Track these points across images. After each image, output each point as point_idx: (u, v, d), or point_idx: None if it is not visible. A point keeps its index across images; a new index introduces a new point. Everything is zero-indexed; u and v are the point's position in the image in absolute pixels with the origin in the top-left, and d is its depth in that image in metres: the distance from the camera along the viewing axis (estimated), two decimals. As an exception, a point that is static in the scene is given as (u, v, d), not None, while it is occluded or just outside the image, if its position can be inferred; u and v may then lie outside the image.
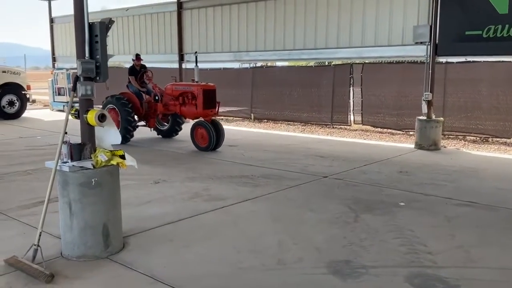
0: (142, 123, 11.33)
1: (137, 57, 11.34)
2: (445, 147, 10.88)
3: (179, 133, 11.85)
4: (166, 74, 18.90)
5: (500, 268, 4.05)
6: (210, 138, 9.77)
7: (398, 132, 12.97)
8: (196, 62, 11.49)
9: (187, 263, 4.10)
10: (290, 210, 5.74)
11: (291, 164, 8.58)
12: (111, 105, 10.69)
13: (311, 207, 5.82)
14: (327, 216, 5.44)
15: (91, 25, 4.07)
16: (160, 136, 11.96)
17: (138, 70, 11.22)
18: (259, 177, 7.47)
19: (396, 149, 10.63)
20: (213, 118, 10.20)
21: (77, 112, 4.22)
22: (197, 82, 10.61)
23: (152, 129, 11.57)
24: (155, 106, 10.95)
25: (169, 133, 11.86)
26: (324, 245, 4.55)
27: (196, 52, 12.48)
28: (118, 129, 10.22)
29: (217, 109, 10.31)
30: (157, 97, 10.90)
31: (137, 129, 11.00)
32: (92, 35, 4.07)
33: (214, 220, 5.32)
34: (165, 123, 11.81)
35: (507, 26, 9.74)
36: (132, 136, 10.76)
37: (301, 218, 5.40)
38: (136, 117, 10.91)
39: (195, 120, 10.38)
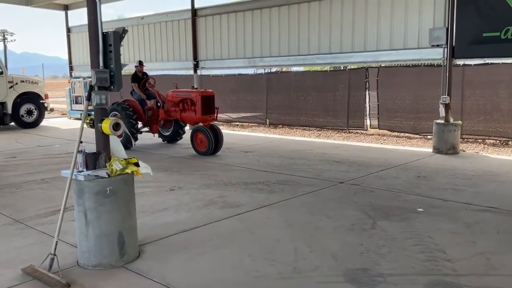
0: (146, 129, 11.67)
1: (140, 63, 11.58)
2: (464, 151, 10.71)
3: (183, 137, 12.09)
4: (181, 81, 19.10)
5: (523, 276, 3.93)
6: (209, 142, 10.03)
7: (416, 136, 12.80)
8: (196, 69, 11.76)
9: (202, 271, 4.08)
10: (306, 217, 5.68)
11: (306, 169, 8.52)
12: (115, 112, 10.89)
13: (327, 214, 5.75)
14: (344, 223, 5.37)
15: (104, 35, 4.10)
16: (164, 141, 12.25)
17: (140, 77, 11.45)
18: (275, 184, 7.43)
19: (413, 153, 10.48)
20: (212, 123, 10.49)
21: (92, 121, 4.25)
22: (196, 88, 10.96)
23: (155, 135, 11.93)
24: (157, 112, 11.28)
25: (173, 139, 12.12)
26: (341, 252, 4.48)
27: (195, 59, 12.90)
28: (121, 137, 10.37)
29: (215, 114, 10.66)
30: (159, 104, 11.20)
31: (141, 134, 11.41)
32: (106, 44, 4.10)
33: (229, 228, 5.29)
34: (168, 129, 12.09)
35: (526, 27, 9.57)
36: (136, 139, 10.99)
37: (317, 225, 5.34)
38: (139, 123, 11.23)
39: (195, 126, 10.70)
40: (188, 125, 12.05)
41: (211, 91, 10.78)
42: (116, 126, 4.08)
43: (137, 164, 4.24)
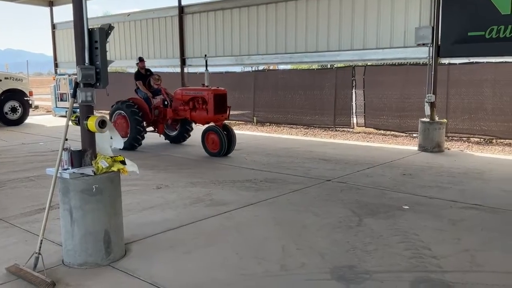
0: (150, 128, 11.19)
1: (140, 59, 11.20)
2: (448, 149, 10.83)
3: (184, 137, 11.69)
4: (169, 79, 18.98)
5: (506, 272, 3.99)
6: (222, 143, 9.61)
7: (401, 134, 12.91)
8: (206, 66, 11.33)
9: (189, 270, 4.07)
10: (293, 215, 5.70)
11: (294, 167, 8.54)
12: (120, 111, 10.59)
13: (315, 211, 5.77)
14: (331, 221, 5.40)
15: (90, 31, 4.05)
16: (168, 141, 11.82)
17: (144, 74, 11.09)
18: (262, 181, 7.43)
19: (399, 151, 10.57)
20: (224, 123, 10.05)
21: (77, 119, 4.20)
22: (207, 86, 10.39)
23: (160, 135, 11.45)
24: (164, 111, 10.80)
25: (178, 139, 11.70)
26: (328, 250, 4.50)
27: (206, 56, 12.21)
28: (126, 137, 10.30)
29: (228, 113, 10.17)
30: (166, 102, 10.74)
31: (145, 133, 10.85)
32: (91, 41, 4.05)
33: (216, 226, 5.28)
34: (174, 129, 11.64)
35: (510, 26, 9.69)
36: (140, 144, 10.66)
37: (304, 223, 5.35)
38: (145, 124, 10.74)
39: (205, 126, 10.24)
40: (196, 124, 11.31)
41: (223, 89, 10.30)
42: (102, 124, 4.04)
43: (123, 162, 4.21)
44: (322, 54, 13.47)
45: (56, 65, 22.05)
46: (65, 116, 18.00)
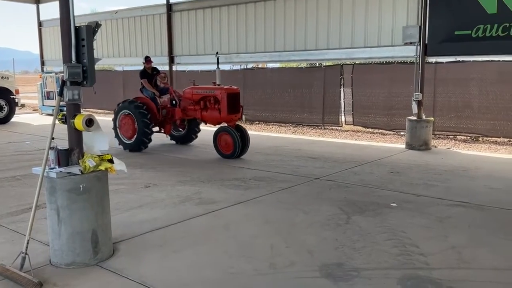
0: (156, 128, 10.67)
1: (147, 59, 10.75)
2: (435, 147, 10.93)
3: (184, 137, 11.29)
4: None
5: (492, 269, 4.04)
6: (235, 144, 9.15)
7: (389, 132, 13.00)
8: (218, 63, 10.92)
9: (178, 269, 4.05)
10: (282, 213, 5.71)
11: (282, 166, 8.55)
12: (127, 110, 10.17)
13: (303, 209, 5.79)
14: (319, 218, 5.42)
15: (77, 29, 4.01)
16: (174, 141, 11.42)
17: (150, 73, 10.72)
18: (251, 180, 7.43)
19: (387, 149, 10.65)
20: (237, 123, 9.71)
21: (64, 117, 4.16)
22: (218, 85, 10.01)
23: (167, 135, 11.04)
24: (172, 111, 10.36)
25: (185, 139, 11.27)
26: (316, 248, 4.52)
27: (217, 53, 11.75)
28: (132, 138, 10.00)
29: (241, 113, 9.81)
30: (174, 102, 10.29)
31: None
32: (78, 39, 4.01)
33: (205, 225, 5.27)
34: (180, 129, 11.21)
35: (496, 25, 9.81)
36: (146, 146, 10.26)
37: (293, 221, 5.37)
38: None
39: (217, 126, 9.85)
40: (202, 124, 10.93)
41: (236, 87, 9.87)
42: (89, 122, 4.00)
43: (111, 161, 4.18)
44: (311, 53, 13.51)
45: (42, 63, 21.83)
46: (51, 115, 17.80)
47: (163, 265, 4.13)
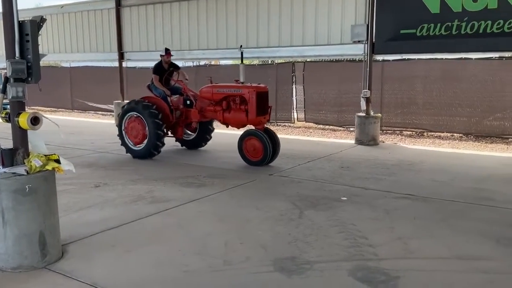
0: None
1: (167, 52, 9.56)
2: (383, 142, 11.31)
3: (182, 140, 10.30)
4: (106, 73, 18.40)
5: (436, 258, 4.24)
6: (266, 150, 8.17)
7: (339, 128, 13.33)
8: (242, 59, 10.05)
9: (130, 269, 3.99)
10: (236, 210, 5.74)
11: (236, 162, 8.57)
12: (134, 112, 9.02)
13: (257, 206, 5.84)
14: (273, 214, 5.49)
15: (21, 24, 3.86)
16: (182, 146, 10.27)
17: (165, 69, 9.53)
18: (204, 177, 7.41)
19: (337, 145, 10.91)
20: (266, 126, 8.76)
21: (7, 116, 3.99)
22: (242, 83, 9.08)
23: (178, 139, 10.08)
24: (187, 112, 9.30)
25: (197, 143, 10.15)
26: (270, 242, 4.58)
27: (241, 46, 10.82)
28: (142, 144, 8.90)
29: (269, 114, 8.86)
30: (188, 102, 9.25)
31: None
32: (22, 34, 3.86)
33: (158, 223, 5.22)
34: (191, 132, 10.15)
35: (439, 25, 10.23)
36: (159, 152, 9.05)
37: (247, 217, 5.41)
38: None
39: (243, 129, 8.97)
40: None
41: (264, 86, 8.82)
42: (34, 120, 3.86)
43: (58, 161, 4.05)
44: (263, 50, 13.57)
45: (-17, 59, 20.73)
46: (-7, 113, 16.99)
47: (115, 265, 4.06)
